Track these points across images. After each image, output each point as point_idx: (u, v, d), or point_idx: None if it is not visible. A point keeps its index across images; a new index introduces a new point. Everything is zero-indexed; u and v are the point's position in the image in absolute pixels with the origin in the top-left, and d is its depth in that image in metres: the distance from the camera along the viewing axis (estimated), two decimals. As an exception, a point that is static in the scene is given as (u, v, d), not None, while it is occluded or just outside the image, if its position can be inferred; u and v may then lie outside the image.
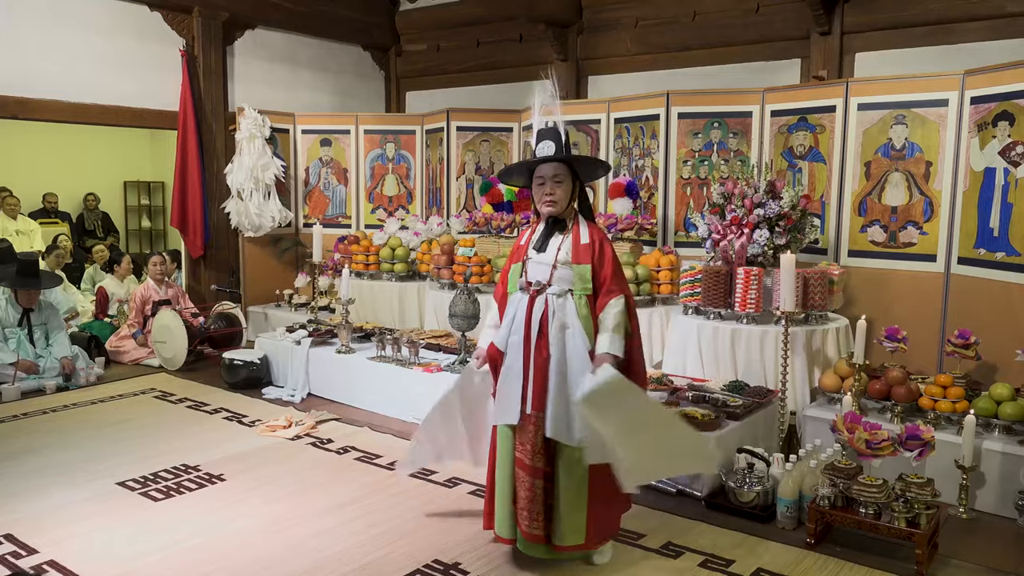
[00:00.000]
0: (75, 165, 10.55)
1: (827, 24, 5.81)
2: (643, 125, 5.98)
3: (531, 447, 3.01)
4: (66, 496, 3.78)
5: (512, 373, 3.07)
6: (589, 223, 3.14)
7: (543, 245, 3.10)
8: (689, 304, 4.90)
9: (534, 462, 3.01)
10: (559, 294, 3.04)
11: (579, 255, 3.04)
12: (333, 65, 8.37)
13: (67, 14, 6.40)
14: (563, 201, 3.07)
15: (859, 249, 5.06)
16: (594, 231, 3.10)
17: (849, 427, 3.39)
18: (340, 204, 7.67)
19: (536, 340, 3.03)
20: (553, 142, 3.08)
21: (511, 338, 3.10)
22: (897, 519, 3.14)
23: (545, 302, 3.04)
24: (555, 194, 3.05)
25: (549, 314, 3.03)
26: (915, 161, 4.82)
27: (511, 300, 3.16)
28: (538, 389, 3.00)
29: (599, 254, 3.04)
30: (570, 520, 2.99)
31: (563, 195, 3.06)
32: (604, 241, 3.08)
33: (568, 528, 3.00)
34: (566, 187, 3.07)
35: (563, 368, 2.99)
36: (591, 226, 3.12)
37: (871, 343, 4.44)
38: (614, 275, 3.02)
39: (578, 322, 3.01)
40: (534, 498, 3.01)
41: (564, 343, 3.00)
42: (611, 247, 3.09)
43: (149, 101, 6.91)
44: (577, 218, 3.13)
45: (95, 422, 4.96)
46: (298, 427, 4.79)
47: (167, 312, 6.38)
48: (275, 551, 3.25)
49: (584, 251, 3.04)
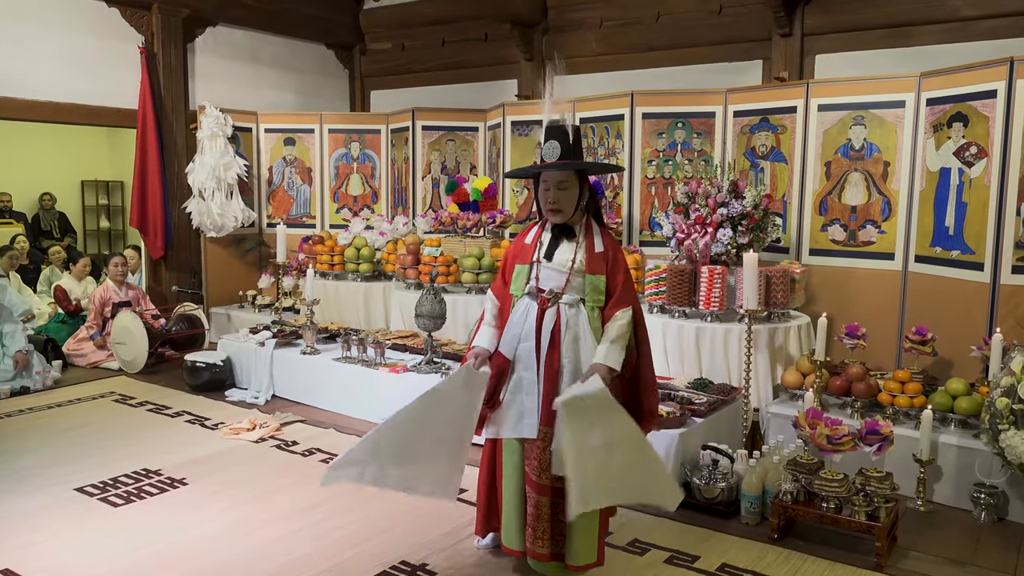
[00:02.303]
0: (30, 164, 10.29)
1: (788, 26, 5.90)
2: (608, 125, 6.01)
3: (538, 463, 2.89)
4: (22, 503, 3.69)
5: (526, 384, 2.94)
6: (602, 229, 3.00)
7: (552, 252, 2.96)
8: (654, 303, 4.94)
9: (540, 479, 2.89)
10: (572, 304, 2.92)
11: (594, 264, 2.91)
12: (297, 63, 8.29)
13: (21, 10, 6.24)
14: (569, 208, 2.92)
15: (820, 248, 5.14)
16: (607, 238, 2.98)
17: (811, 423, 3.44)
18: (304, 204, 7.60)
19: (548, 351, 2.91)
20: (559, 144, 2.89)
21: (522, 345, 2.95)
22: (857, 513, 3.20)
23: (557, 312, 2.91)
24: (559, 202, 2.90)
25: (562, 324, 2.90)
26: (873, 161, 4.91)
27: (518, 305, 2.99)
28: (548, 403, 2.86)
29: (612, 263, 2.93)
30: (585, 539, 2.89)
31: (568, 202, 2.91)
32: (618, 250, 2.98)
33: (583, 548, 2.89)
34: (572, 193, 2.90)
35: (575, 381, 2.84)
36: (604, 233, 3.00)
37: (832, 340, 4.52)
38: (625, 286, 2.91)
39: (591, 334, 2.89)
40: (539, 516, 2.90)
41: (578, 355, 2.89)
42: (623, 255, 2.99)
43: (107, 99, 6.77)
44: (589, 223, 2.99)
45: (52, 427, 4.85)
46: (262, 429, 4.73)
47: (127, 314, 6.26)
48: (240, 555, 3.20)
49: (599, 260, 2.92)
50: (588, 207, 3.00)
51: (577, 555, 2.89)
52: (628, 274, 2.97)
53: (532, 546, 2.92)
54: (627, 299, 2.91)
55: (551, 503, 2.90)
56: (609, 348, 2.82)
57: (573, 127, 2.95)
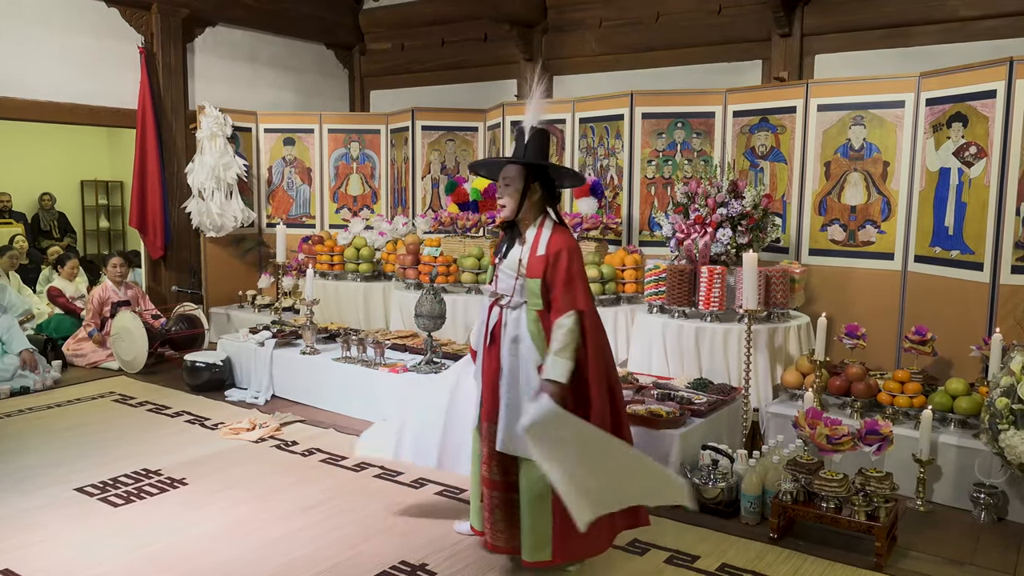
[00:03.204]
0: (30, 164, 10.29)
1: (787, 26, 5.90)
2: (608, 125, 6.01)
3: (487, 457, 3.00)
4: (22, 503, 3.69)
5: (475, 379, 3.13)
6: (556, 229, 2.95)
7: (506, 253, 3.01)
8: (654, 303, 4.94)
9: (491, 474, 3.00)
10: (515, 306, 2.95)
11: (532, 268, 2.90)
12: (296, 63, 8.29)
13: (21, 10, 6.24)
14: (511, 205, 2.95)
15: (820, 248, 5.15)
16: (556, 240, 2.90)
17: (810, 423, 3.45)
18: (304, 204, 7.60)
19: (489, 349, 3.00)
20: (517, 144, 2.99)
21: (479, 343, 3.10)
22: (857, 513, 3.20)
23: (500, 312, 2.99)
24: (503, 198, 2.98)
25: (502, 325, 2.96)
26: (873, 161, 4.92)
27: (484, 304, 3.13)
28: (488, 400, 2.98)
29: (552, 266, 2.85)
30: (534, 535, 2.90)
31: (511, 200, 2.95)
32: (563, 251, 2.86)
33: (533, 543, 2.91)
34: (514, 190, 2.94)
35: (514, 381, 2.91)
36: (556, 234, 2.93)
37: (831, 340, 4.52)
38: (565, 289, 2.82)
39: (528, 337, 2.90)
40: (492, 508, 3.00)
41: (517, 357, 2.92)
42: (569, 257, 2.86)
43: (107, 99, 6.77)
44: (542, 224, 2.97)
45: (52, 427, 4.85)
46: (262, 429, 4.73)
47: (127, 314, 6.26)
48: (240, 555, 3.20)
49: (537, 264, 2.88)
50: (546, 207, 3.00)
51: (529, 550, 2.93)
52: (575, 277, 2.85)
53: (489, 537, 3.04)
54: (569, 303, 2.81)
55: (502, 498, 2.99)
56: (553, 361, 2.76)
57: (539, 130, 2.97)
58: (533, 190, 2.95)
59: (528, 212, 2.97)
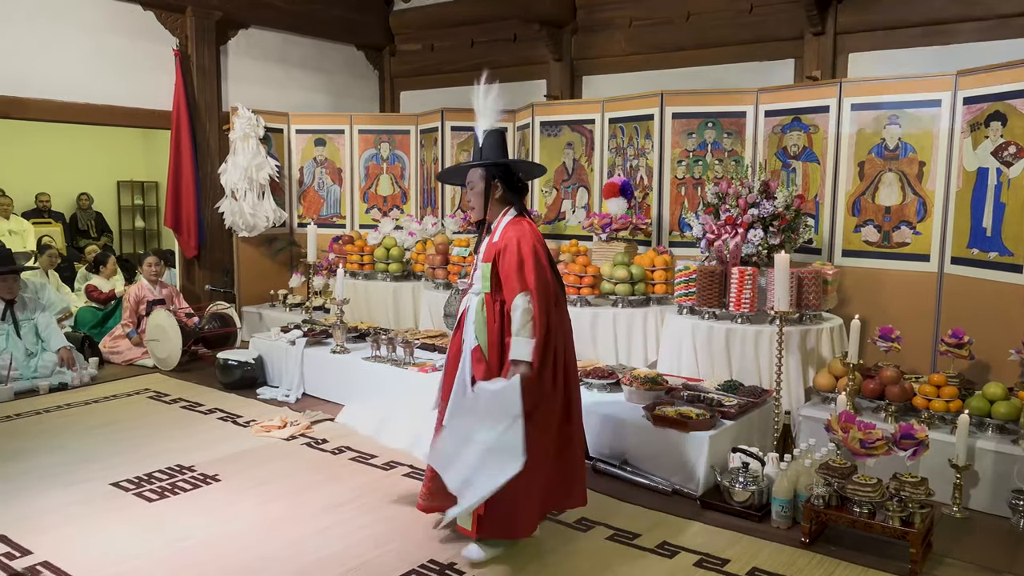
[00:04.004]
0: (68, 165, 10.50)
1: (821, 24, 5.83)
2: (637, 125, 5.99)
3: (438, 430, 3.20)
4: (60, 497, 3.76)
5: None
6: (514, 221, 3.15)
7: (479, 248, 3.26)
8: (684, 304, 4.91)
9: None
10: (476, 293, 3.18)
11: (486, 253, 3.14)
12: (327, 65, 8.36)
13: (60, 13, 6.37)
14: (478, 205, 3.21)
15: (853, 249, 5.08)
16: (511, 229, 3.10)
17: (843, 426, 3.40)
18: (335, 204, 7.66)
19: (455, 334, 3.27)
20: (474, 148, 3.27)
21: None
22: (891, 518, 3.15)
23: (467, 301, 3.23)
24: (470, 200, 3.24)
25: (467, 312, 3.21)
26: (908, 161, 4.84)
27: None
28: (448, 380, 3.22)
29: (503, 252, 3.05)
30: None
31: (476, 199, 3.21)
32: (513, 239, 3.04)
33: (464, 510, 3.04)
34: (477, 191, 3.19)
35: (462, 363, 3.16)
36: (512, 224, 3.13)
37: (865, 343, 4.46)
38: (515, 274, 2.99)
39: (472, 320, 3.13)
40: (434, 476, 3.15)
41: (472, 338, 3.13)
42: (519, 243, 3.03)
43: (142, 100, 6.88)
44: (504, 216, 3.18)
45: (89, 423, 4.94)
46: (293, 427, 4.78)
47: (161, 312, 6.36)
48: (271, 551, 3.24)
49: (490, 250, 3.12)
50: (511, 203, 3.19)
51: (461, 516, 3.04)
52: (525, 261, 3.00)
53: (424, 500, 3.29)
54: (520, 285, 2.99)
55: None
56: (515, 343, 2.96)
57: (493, 131, 3.22)
58: (495, 188, 3.19)
59: (494, 208, 3.21)
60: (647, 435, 3.97)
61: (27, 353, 5.77)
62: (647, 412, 4.00)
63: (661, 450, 3.91)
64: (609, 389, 4.50)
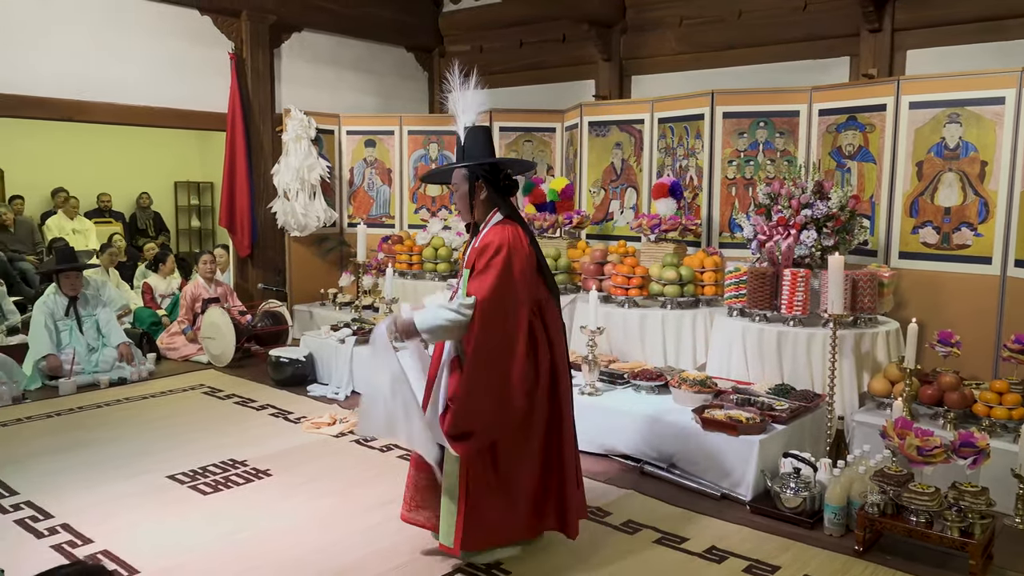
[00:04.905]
0: (128, 166, 10.81)
1: (877, 21, 5.70)
2: (687, 125, 5.93)
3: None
4: (119, 488, 3.88)
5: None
6: (497, 226, 3.00)
7: (467, 250, 3.17)
8: (734, 306, 4.84)
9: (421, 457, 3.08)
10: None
11: (468, 259, 3.04)
12: (377, 67, 8.46)
13: (121, 19, 6.56)
14: (463, 207, 3.12)
15: (910, 251, 4.95)
16: (494, 233, 2.96)
17: (900, 433, 3.32)
18: (384, 204, 7.75)
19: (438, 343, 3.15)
20: (456, 148, 3.19)
21: None
22: (950, 528, 3.07)
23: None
24: (457, 203, 3.17)
25: None
26: (969, 161, 4.70)
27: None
28: (429, 385, 3.12)
29: (479, 255, 2.94)
30: (446, 519, 3.01)
31: (461, 202, 3.13)
32: (491, 244, 2.92)
33: (445, 528, 3.02)
34: (461, 193, 3.11)
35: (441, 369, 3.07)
36: (495, 229, 2.99)
37: (923, 347, 4.34)
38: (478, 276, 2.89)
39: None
40: (416, 487, 3.17)
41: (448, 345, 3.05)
42: (495, 250, 2.89)
43: (199, 103, 7.05)
44: (490, 219, 3.07)
45: (146, 417, 5.09)
46: (342, 424, 4.85)
47: (216, 310, 6.51)
48: (322, 546, 3.29)
49: (472, 255, 3.02)
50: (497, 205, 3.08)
51: (442, 533, 3.02)
52: (491, 268, 2.88)
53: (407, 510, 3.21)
54: (474, 289, 2.89)
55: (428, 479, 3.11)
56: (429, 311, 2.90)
57: (475, 129, 3.12)
58: (479, 189, 3.07)
59: (480, 209, 3.10)
60: (696, 438, 3.93)
61: (89, 348, 5.97)
62: (696, 415, 3.96)
63: (710, 453, 3.87)
64: (657, 391, 4.46)
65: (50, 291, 6.01)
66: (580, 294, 5.78)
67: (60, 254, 6.24)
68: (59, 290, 5.99)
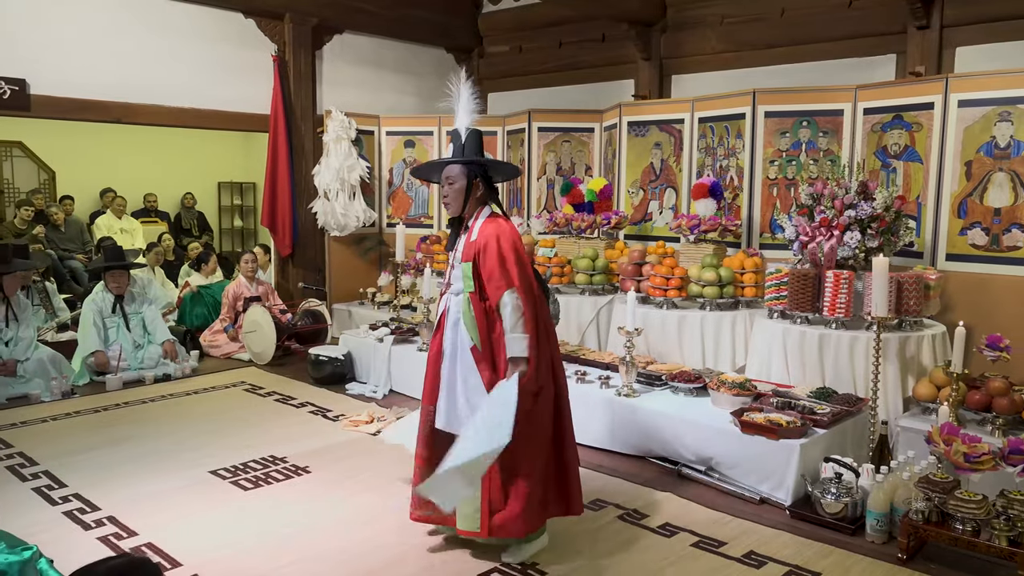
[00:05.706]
0: (173, 167, 11.04)
1: (925, 18, 5.57)
2: (728, 124, 5.86)
3: (425, 437, 3.21)
4: (163, 482, 3.96)
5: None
6: (490, 219, 3.13)
7: (453, 245, 3.24)
8: (774, 308, 4.78)
9: (427, 452, 3.18)
10: (457, 292, 3.16)
11: (465, 254, 3.11)
12: (417, 67, 8.51)
13: (167, 23, 6.71)
14: (456, 202, 3.17)
15: (958, 253, 4.83)
16: (489, 226, 3.09)
17: (946, 439, 3.24)
18: (423, 205, 7.79)
19: (436, 334, 3.22)
20: (454, 145, 3.22)
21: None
22: (998, 537, 2.99)
23: (446, 301, 3.20)
24: (447, 196, 3.20)
25: (447, 312, 3.18)
26: (1021, 160, 4.57)
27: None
28: (430, 382, 3.19)
29: (483, 250, 3.03)
30: (467, 506, 3.05)
31: (455, 196, 3.17)
32: (492, 237, 3.04)
33: (463, 512, 3.08)
34: (457, 188, 3.16)
35: (453, 362, 3.11)
36: (489, 221, 3.12)
37: (970, 351, 4.22)
38: (500, 269, 2.99)
39: (461, 319, 3.10)
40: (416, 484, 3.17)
41: (456, 337, 3.12)
42: (499, 241, 3.02)
43: (243, 105, 7.17)
44: (480, 215, 3.16)
45: (189, 413, 5.19)
46: (380, 423, 4.89)
47: (257, 308, 6.62)
48: (359, 542, 3.32)
49: (469, 249, 3.09)
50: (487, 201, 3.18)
51: (461, 519, 3.09)
52: (507, 258, 3.00)
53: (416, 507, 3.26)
54: (504, 282, 2.98)
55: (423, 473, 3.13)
56: (510, 340, 2.96)
57: (473, 131, 3.23)
58: (476, 186, 3.17)
59: (472, 207, 3.18)
60: (734, 441, 3.88)
61: (135, 345, 6.11)
62: (735, 418, 3.91)
63: (749, 457, 3.82)
64: (695, 393, 4.42)
65: (98, 289, 6.17)
66: (618, 295, 5.75)
67: (108, 253, 6.40)
68: (106, 288, 6.14)
